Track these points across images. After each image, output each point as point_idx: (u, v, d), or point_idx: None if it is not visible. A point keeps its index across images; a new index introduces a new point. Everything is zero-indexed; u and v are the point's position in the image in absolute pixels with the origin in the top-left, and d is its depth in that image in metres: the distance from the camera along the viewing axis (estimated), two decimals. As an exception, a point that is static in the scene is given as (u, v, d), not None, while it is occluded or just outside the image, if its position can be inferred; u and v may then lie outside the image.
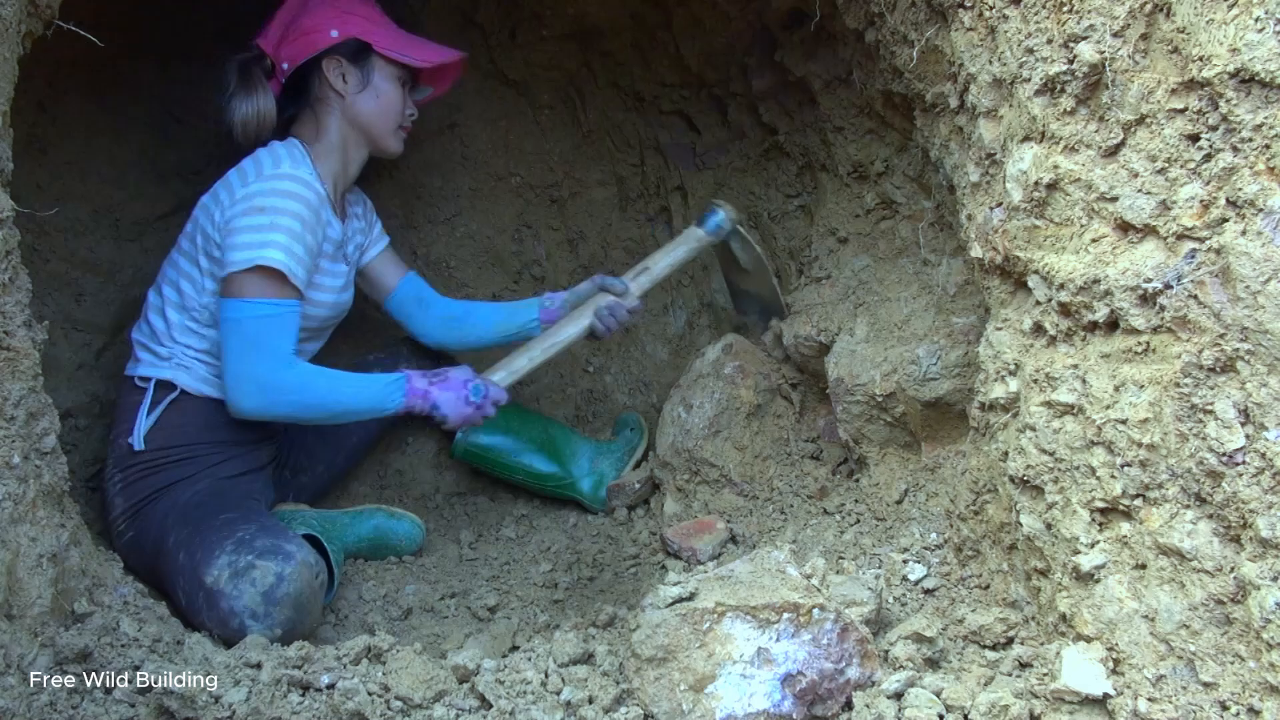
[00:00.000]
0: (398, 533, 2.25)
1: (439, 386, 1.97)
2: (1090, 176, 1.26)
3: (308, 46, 2.01)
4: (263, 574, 1.66)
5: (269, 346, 1.84)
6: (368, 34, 2.03)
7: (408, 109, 2.12)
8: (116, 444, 1.97)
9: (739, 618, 1.33)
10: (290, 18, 2.04)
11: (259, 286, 1.84)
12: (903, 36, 1.63)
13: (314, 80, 2.04)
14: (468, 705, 1.33)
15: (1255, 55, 1.07)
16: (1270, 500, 1.08)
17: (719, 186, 2.55)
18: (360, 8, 2.06)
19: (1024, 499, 1.41)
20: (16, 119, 1.45)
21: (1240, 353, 1.10)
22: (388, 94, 2.06)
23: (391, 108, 2.08)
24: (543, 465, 2.48)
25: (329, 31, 2.01)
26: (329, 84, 2.03)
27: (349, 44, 2.02)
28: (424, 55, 2.08)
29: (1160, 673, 1.20)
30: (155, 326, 2.00)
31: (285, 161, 1.93)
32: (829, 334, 2.05)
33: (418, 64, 2.07)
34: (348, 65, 2.02)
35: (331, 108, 2.05)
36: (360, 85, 2.04)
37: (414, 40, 2.10)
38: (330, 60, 2.01)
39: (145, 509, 1.91)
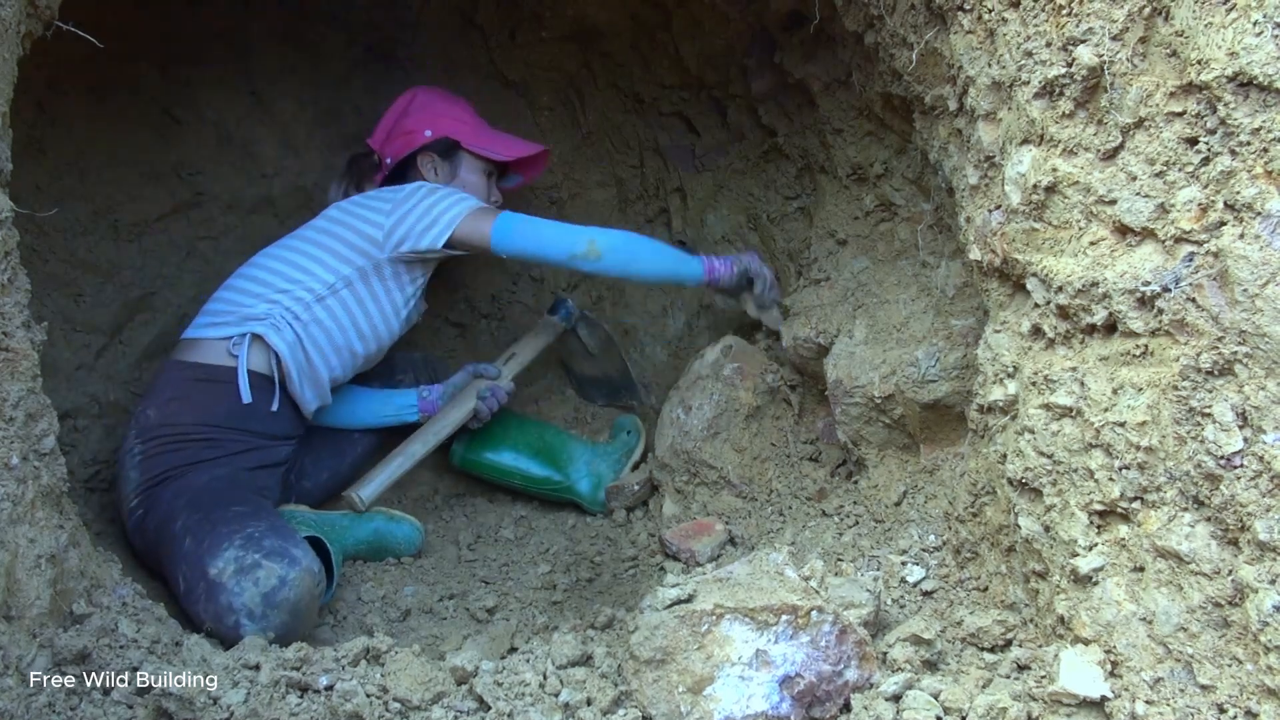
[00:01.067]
0: (397, 535, 2.25)
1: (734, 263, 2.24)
2: (1089, 179, 1.26)
3: (406, 144, 2.33)
4: (267, 575, 1.66)
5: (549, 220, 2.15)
6: (456, 132, 2.34)
7: (492, 195, 2.41)
8: (144, 414, 1.99)
9: (737, 620, 1.33)
10: (394, 120, 2.36)
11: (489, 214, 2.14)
12: (902, 39, 1.63)
13: (410, 174, 2.35)
14: (466, 707, 1.33)
15: (1254, 59, 1.07)
16: (1268, 503, 1.08)
17: (718, 188, 2.55)
18: (453, 110, 2.38)
19: (1022, 501, 1.41)
20: (16, 120, 1.45)
21: (1238, 356, 1.11)
22: (473, 184, 2.36)
23: (475, 195, 2.32)
24: (539, 470, 2.49)
25: (424, 131, 2.32)
26: (422, 176, 2.33)
27: (440, 142, 2.33)
28: (505, 150, 2.37)
29: (1158, 675, 1.20)
30: (252, 294, 2.09)
31: None
32: (828, 336, 2.05)
33: (499, 158, 2.36)
34: (439, 160, 2.34)
35: None
36: (449, 176, 2.35)
37: (500, 137, 2.41)
38: (424, 156, 2.33)
39: (158, 488, 1.91)
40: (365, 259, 2.14)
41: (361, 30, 2.63)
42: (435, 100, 2.39)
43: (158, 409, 1.98)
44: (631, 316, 2.78)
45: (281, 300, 2.07)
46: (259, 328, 2.03)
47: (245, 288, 2.11)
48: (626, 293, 2.77)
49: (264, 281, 2.11)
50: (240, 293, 2.10)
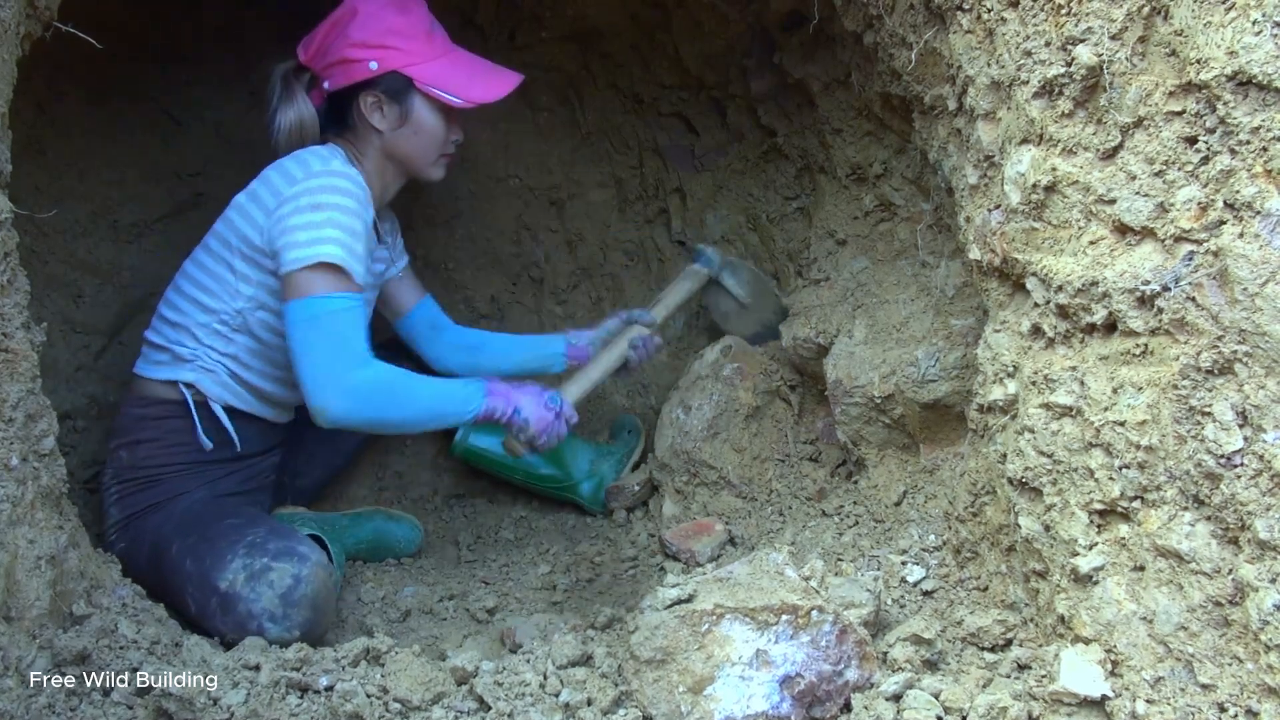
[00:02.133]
0: (396, 535, 2.25)
1: (520, 392, 1.89)
2: (1088, 179, 1.26)
3: (346, 75, 1.91)
4: (280, 576, 1.64)
5: (348, 345, 1.73)
6: (409, 67, 1.90)
7: (452, 136, 2.01)
8: (117, 454, 1.91)
9: (737, 619, 1.33)
10: (333, 37, 1.91)
11: (325, 283, 1.74)
12: (901, 39, 1.63)
13: (352, 109, 1.94)
14: (466, 707, 1.33)
15: (1253, 58, 1.07)
16: (1268, 502, 1.08)
17: (718, 188, 2.55)
18: (406, 28, 1.92)
19: (1022, 501, 1.41)
20: (15, 120, 1.45)
21: (1238, 355, 1.11)
22: (428, 129, 1.95)
23: (432, 142, 1.97)
24: (543, 467, 2.47)
25: (368, 63, 1.89)
26: (365, 117, 1.93)
27: (389, 78, 1.90)
28: (469, 92, 1.93)
29: (1159, 674, 1.20)
30: (178, 327, 1.92)
31: (335, 160, 1.87)
32: (827, 336, 2.05)
33: (461, 104, 1.93)
34: (386, 101, 1.92)
35: (369, 139, 1.96)
36: (398, 121, 1.93)
37: (463, 68, 1.97)
38: (367, 95, 1.91)
39: (138, 521, 1.87)
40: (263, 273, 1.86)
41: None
42: (382, 15, 1.90)
43: (128, 450, 1.90)
44: (631, 317, 2.78)
45: (202, 336, 1.90)
46: (190, 374, 1.89)
47: (171, 317, 1.93)
48: (626, 292, 2.77)
49: (184, 309, 1.92)
50: (169, 324, 1.93)
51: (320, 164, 1.84)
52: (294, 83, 1.95)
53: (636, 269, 2.76)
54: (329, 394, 1.70)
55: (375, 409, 1.73)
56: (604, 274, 2.79)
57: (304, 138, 1.95)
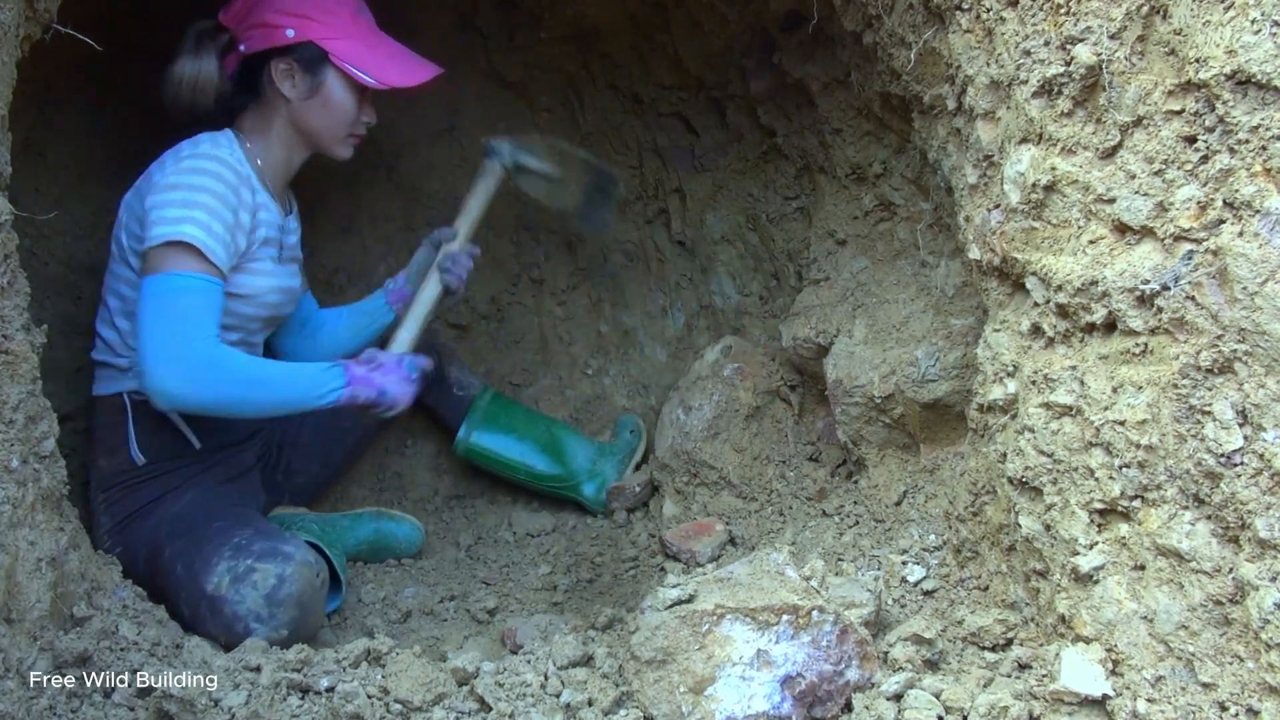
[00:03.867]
0: (397, 535, 2.25)
1: (380, 372, 1.86)
2: (1088, 178, 1.26)
3: (264, 39, 1.88)
4: (263, 576, 1.65)
5: (192, 322, 1.69)
6: (327, 40, 1.88)
7: (364, 117, 1.99)
8: (96, 465, 1.91)
9: (738, 620, 1.33)
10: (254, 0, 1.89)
11: (180, 261, 1.71)
12: (900, 39, 1.63)
13: (264, 76, 1.91)
14: (467, 708, 1.33)
15: (1252, 57, 1.07)
16: (1268, 501, 1.08)
17: (717, 189, 2.55)
18: (327, 10, 1.90)
19: (1023, 500, 1.41)
20: (15, 122, 1.45)
21: (1238, 354, 1.11)
22: (339, 104, 1.93)
23: (341, 119, 1.95)
24: (545, 466, 2.47)
25: (285, 30, 1.86)
26: (275, 85, 1.90)
27: (305, 48, 1.87)
28: (385, 74, 1.91)
29: (1159, 674, 1.20)
30: (109, 339, 1.93)
31: (205, 144, 1.84)
32: (827, 336, 2.05)
33: (373, 85, 1.91)
34: (298, 70, 1.89)
35: (277, 108, 1.93)
36: (308, 92, 1.91)
37: (383, 50, 1.95)
38: (280, 61, 1.88)
39: (131, 524, 1.87)
40: None
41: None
42: None
43: (107, 458, 1.90)
44: (631, 317, 2.78)
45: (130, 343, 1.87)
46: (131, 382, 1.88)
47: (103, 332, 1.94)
48: (626, 293, 2.77)
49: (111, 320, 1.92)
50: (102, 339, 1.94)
51: (191, 148, 1.83)
52: (206, 41, 1.91)
53: (636, 269, 2.76)
54: (165, 371, 1.66)
55: (215, 390, 1.70)
56: (604, 274, 2.79)
57: (197, 93, 1.90)
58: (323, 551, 1.93)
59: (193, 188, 1.76)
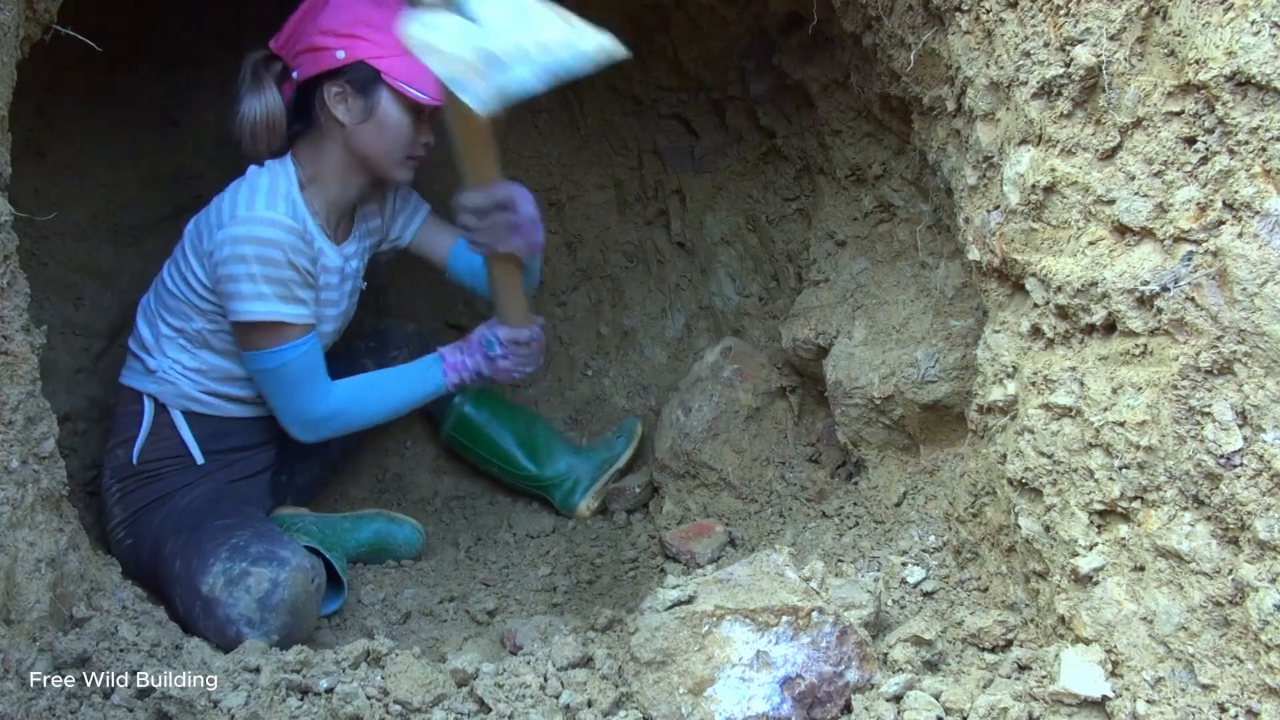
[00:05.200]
0: (398, 538, 2.25)
1: (467, 354, 1.97)
2: (1087, 179, 1.26)
3: (314, 63, 1.81)
4: (257, 580, 1.65)
5: (303, 386, 1.87)
6: (378, 59, 1.79)
7: (422, 137, 1.90)
8: (114, 453, 1.95)
9: (738, 621, 1.33)
10: (303, 23, 1.83)
11: (270, 337, 1.82)
12: (900, 40, 1.63)
13: (317, 101, 1.85)
14: (467, 709, 1.33)
15: (1251, 58, 1.07)
16: (1268, 502, 1.08)
17: (717, 190, 2.55)
18: (375, 28, 1.79)
19: (1022, 501, 1.41)
20: (15, 123, 1.45)
21: (1237, 355, 1.11)
22: (394, 126, 1.84)
23: (397, 141, 1.86)
24: (521, 460, 2.45)
25: (335, 52, 1.79)
26: (330, 111, 1.83)
27: (356, 68, 1.80)
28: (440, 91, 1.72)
29: (1159, 675, 1.20)
30: (145, 338, 1.96)
31: (260, 201, 1.79)
32: (827, 337, 2.05)
33: (428, 101, 1.81)
34: (351, 93, 1.81)
35: (333, 136, 1.87)
36: (363, 115, 1.83)
37: None
38: (332, 85, 1.81)
39: (143, 517, 1.90)
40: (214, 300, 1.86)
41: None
42: (355, 3, 1.81)
43: (125, 448, 1.93)
44: (631, 318, 2.78)
45: (168, 349, 1.93)
46: (154, 386, 1.93)
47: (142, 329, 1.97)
48: (626, 294, 2.77)
49: (154, 322, 1.95)
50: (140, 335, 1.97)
51: (245, 207, 1.79)
52: (263, 73, 1.85)
53: (636, 270, 2.76)
54: (296, 430, 1.92)
55: (344, 425, 1.93)
56: (604, 275, 2.79)
57: (272, 133, 1.87)
58: (322, 555, 1.93)
59: (258, 260, 1.77)
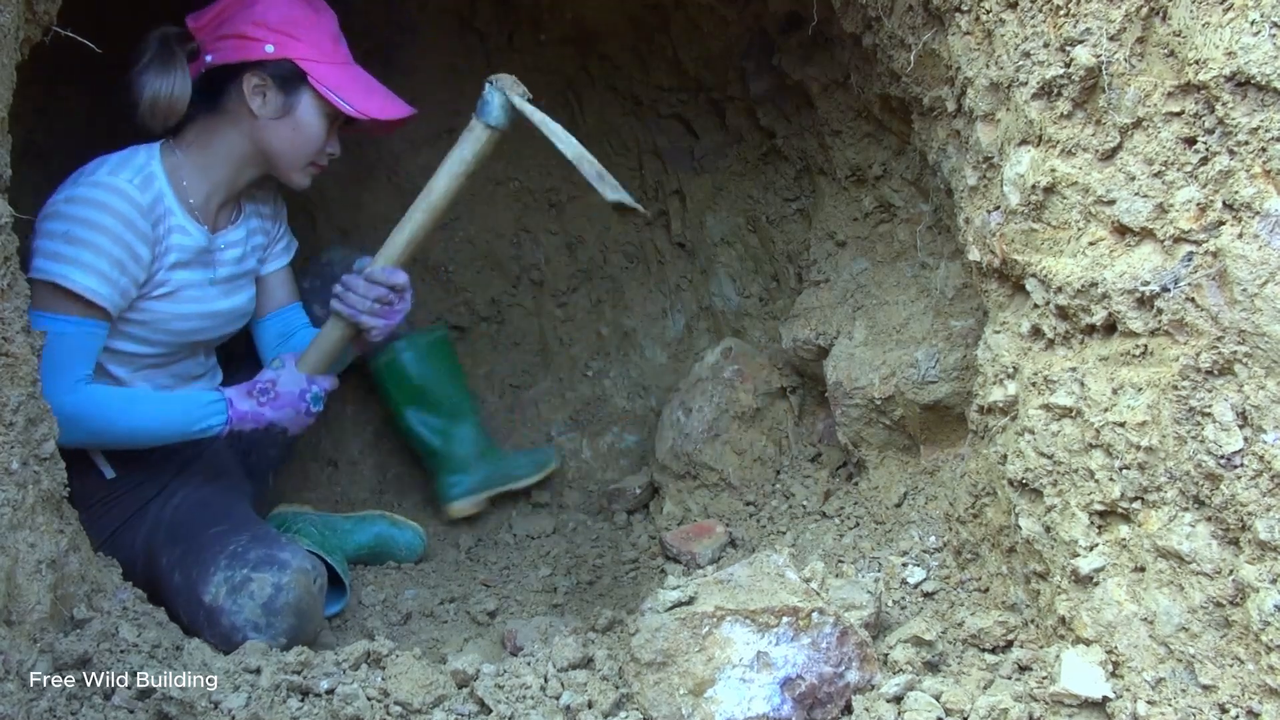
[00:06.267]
0: (399, 541, 2.24)
1: (271, 406, 1.86)
2: (1087, 180, 1.26)
3: (237, 51, 1.79)
4: (260, 586, 1.64)
5: (59, 369, 1.66)
6: (308, 61, 1.81)
7: (329, 147, 1.91)
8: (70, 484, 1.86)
9: (738, 621, 1.33)
10: (233, 11, 1.81)
11: (54, 303, 1.68)
12: (900, 40, 1.63)
13: (229, 88, 1.82)
14: (467, 710, 1.33)
15: (1251, 58, 1.07)
16: (1269, 503, 1.08)
17: (717, 190, 2.56)
18: (312, 25, 1.83)
19: (1023, 502, 1.41)
20: (15, 125, 1.45)
21: (1238, 355, 1.11)
22: (309, 129, 1.85)
23: (308, 144, 1.87)
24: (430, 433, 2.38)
25: (264, 45, 1.79)
26: (245, 99, 1.81)
27: (282, 65, 1.80)
28: (362, 104, 1.83)
29: (1159, 675, 1.20)
30: None
31: (106, 166, 1.76)
32: (827, 337, 2.05)
33: (351, 113, 1.84)
34: (272, 87, 1.81)
35: (238, 124, 1.85)
36: (279, 112, 1.83)
37: (359, 81, 1.88)
38: (255, 75, 1.80)
39: (119, 538, 1.84)
40: None
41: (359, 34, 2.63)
42: (290, 6, 1.81)
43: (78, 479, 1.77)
44: (631, 319, 2.78)
45: None
46: None
47: None
48: (626, 294, 2.77)
49: None
50: None
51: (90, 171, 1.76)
52: (176, 49, 1.81)
53: (636, 271, 2.76)
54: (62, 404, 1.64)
55: (89, 435, 1.71)
56: (604, 276, 2.79)
57: (170, 112, 1.82)
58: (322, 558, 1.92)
59: (81, 222, 1.70)
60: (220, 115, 1.86)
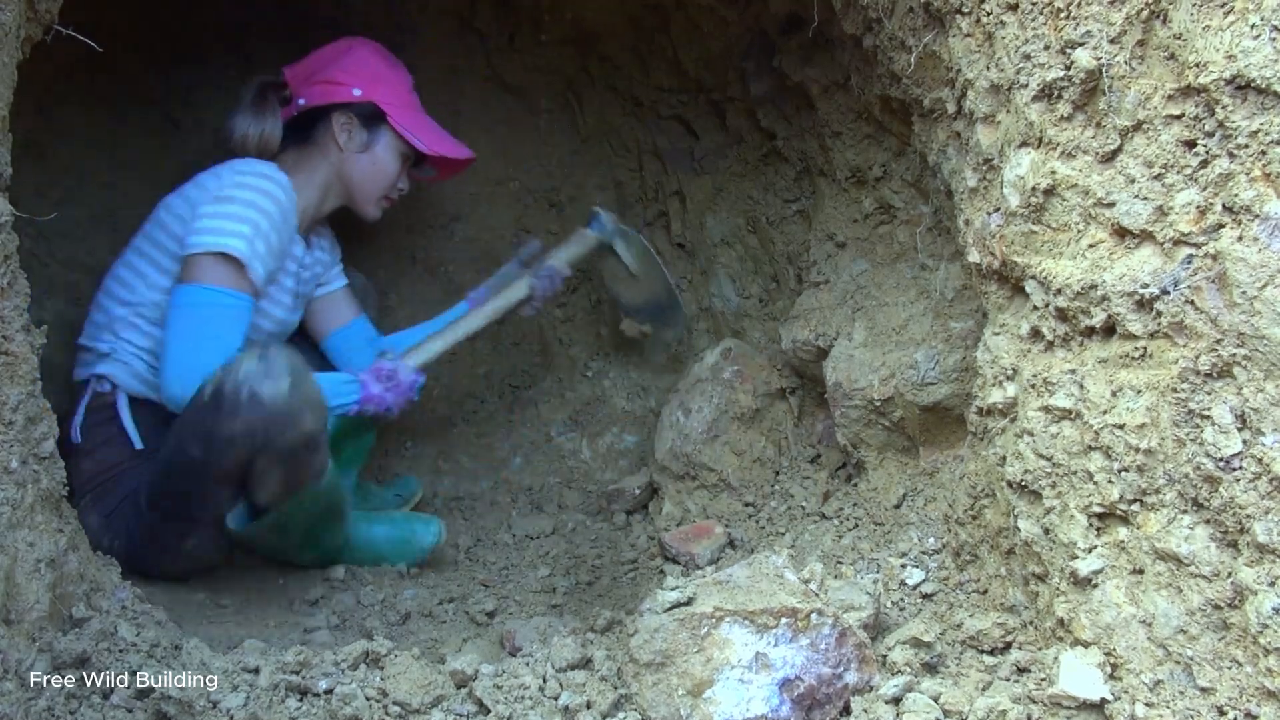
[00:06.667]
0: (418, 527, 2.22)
1: (393, 391, 2.06)
2: (1087, 182, 1.26)
3: (328, 94, 2.09)
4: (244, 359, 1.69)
5: (220, 337, 1.81)
6: (388, 104, 2.11)
7: (400, 182, 2.21)
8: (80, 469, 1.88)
9: (737, 622, 1.33)
10: (325, 62, 2.11)
11: (218, 274, 1.84)
12: (900, 42, 1.63)
13: (320, 126, 2.11)
14: (466, 710, 1.33)
15: (1251, 61, 1.07)
16: (1267, 505, 1.08)
17: (717, 191, 2.56)
18: (392, 77, 2.14)
19: (1022, 504, 1.41)
20: (15, 123, 1.45)
21: (1237, 358, 1.11)
22: (385, 164, 2.15)
23: (383, 178, 2.16)
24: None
25: (352, 89, 2.09)
26: (333, 135, 2.10)
27: (366, 106, 2.10)
28: (434, 144, 2.14)
29: (1158, 678, 1.20)
30: (98, 322, 1.97)
31: (262, 167, 1.96)
32: (827, 338, 2.05)
33: (423, 150, 2.14)
34: (357, 125, 2.11)
35: (327, 156, 2.12)
36: (362, 147, 2.13)
37: (429, 124, 2.18)
38: (342, 115, 2.10)
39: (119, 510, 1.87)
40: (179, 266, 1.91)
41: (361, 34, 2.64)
42: (374, 60, 2.15)
43: (90, 460, 1.90)
44: (631, 319, 2.79)
45: (120, 330, 1.94)
46: (106, 367, 1.93)
47: (95, 317, 1.99)
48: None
49: (106, 307, 1.97)
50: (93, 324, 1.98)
51: (247, 167, 1.95)
52: (271, 96, 2.10)
53: (636, 272, 2.76)
54: (175, 386, 1.78)
55: None
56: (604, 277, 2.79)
57: (262, 150, 2.06)
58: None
59: (247, 204, 1.88)
60: (311, 148, 2.13)
